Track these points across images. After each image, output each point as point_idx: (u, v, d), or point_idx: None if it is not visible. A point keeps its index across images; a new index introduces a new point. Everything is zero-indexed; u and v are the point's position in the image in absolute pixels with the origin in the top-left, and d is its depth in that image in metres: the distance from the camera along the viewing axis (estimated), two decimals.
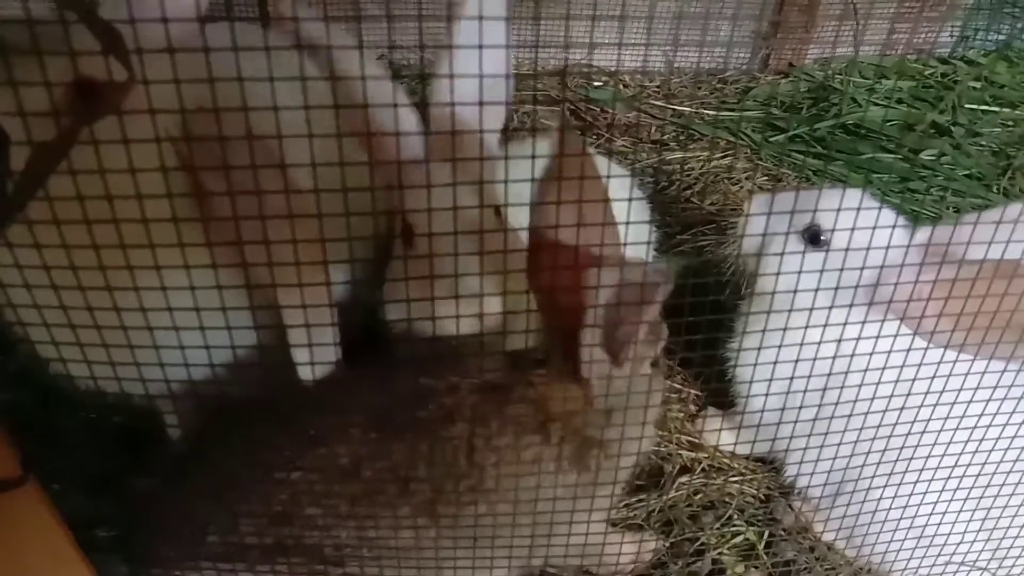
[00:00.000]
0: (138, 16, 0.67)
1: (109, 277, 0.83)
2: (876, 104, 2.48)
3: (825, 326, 1.07)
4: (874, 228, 1.03)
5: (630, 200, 1.43)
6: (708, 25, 2.68)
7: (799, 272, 1.12)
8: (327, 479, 1.01)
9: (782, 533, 1.43)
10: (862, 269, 1.08)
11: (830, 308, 1.07)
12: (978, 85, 2.56)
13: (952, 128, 2.37)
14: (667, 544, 1.38)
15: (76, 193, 0.70)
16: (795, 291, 1.09)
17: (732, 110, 2.53)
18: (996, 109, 2.47)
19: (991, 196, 2.16)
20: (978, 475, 1.17)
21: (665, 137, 2.41)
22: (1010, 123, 2.41)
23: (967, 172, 2.23)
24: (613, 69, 2.58)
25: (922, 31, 2.74)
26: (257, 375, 1.08)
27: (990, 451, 1.13)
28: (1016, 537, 1.22)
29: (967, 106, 2.45)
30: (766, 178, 2.26)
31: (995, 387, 1.08)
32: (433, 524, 1.02)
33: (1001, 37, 2.79)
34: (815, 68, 2.70)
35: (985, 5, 2.78)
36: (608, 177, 0.93)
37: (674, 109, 2.52)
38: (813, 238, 1.33)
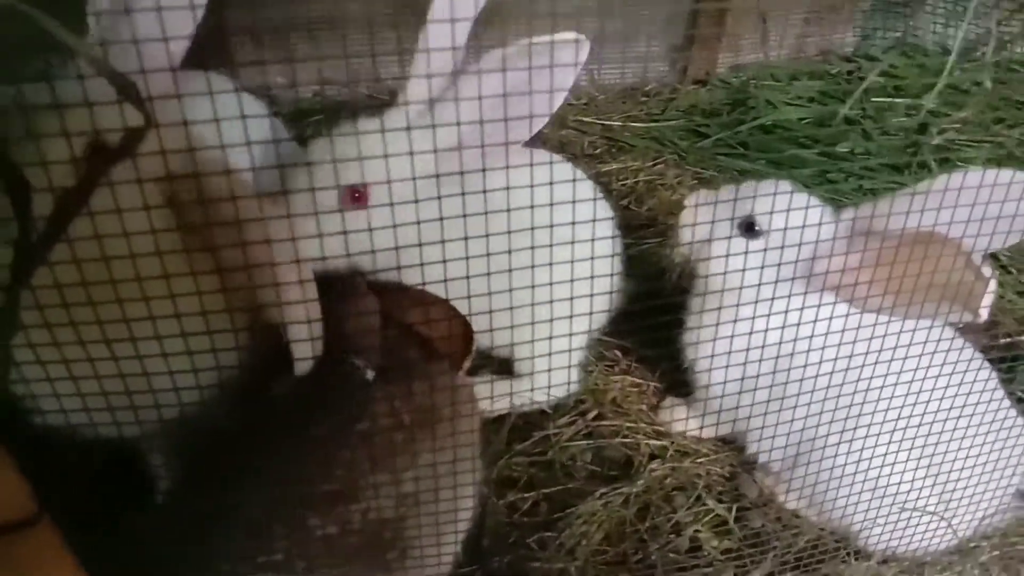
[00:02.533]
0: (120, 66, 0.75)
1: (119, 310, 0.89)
2: (790, 104, 2.65)
3: (752, 302, 1.19)
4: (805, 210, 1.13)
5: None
6: (626, 42, 2.82)
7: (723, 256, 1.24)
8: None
9: (749, 505, 1.53)
10: (782, 247, 1.20)
11: (755, 286, 1.18)
12: (881, 79, 2.74)
13: (862, 120, 2.53)
14: (646, 526, 1.46)
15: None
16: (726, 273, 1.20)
17: (656, 121, 2.67)
18: (899, 100, 2.65)
19: (903, 180, 2.33)
20: (919, 426, 1.28)
21: (597, 151, 2.54)
22: (912, 111, 2.59)
23: (880, 161, 2.40)
24: None
25: (826, 33, 2.94)
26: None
27: (927, 402, 1.25)
28: (958, 480, 1.34)
29: (873, 99, 2.63)
30: (695, 181, 2.39)
31: (924, 343, 1.20)
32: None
33: (897, 34, 3.00)
34: (730, 75, 2.86)
35: (880, 7, 2.99)
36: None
37: (603, 124, 2.64)
38: (748, 228, 1.44)
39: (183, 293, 0.92)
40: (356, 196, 1.36)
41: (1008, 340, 1.88)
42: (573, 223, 0.97)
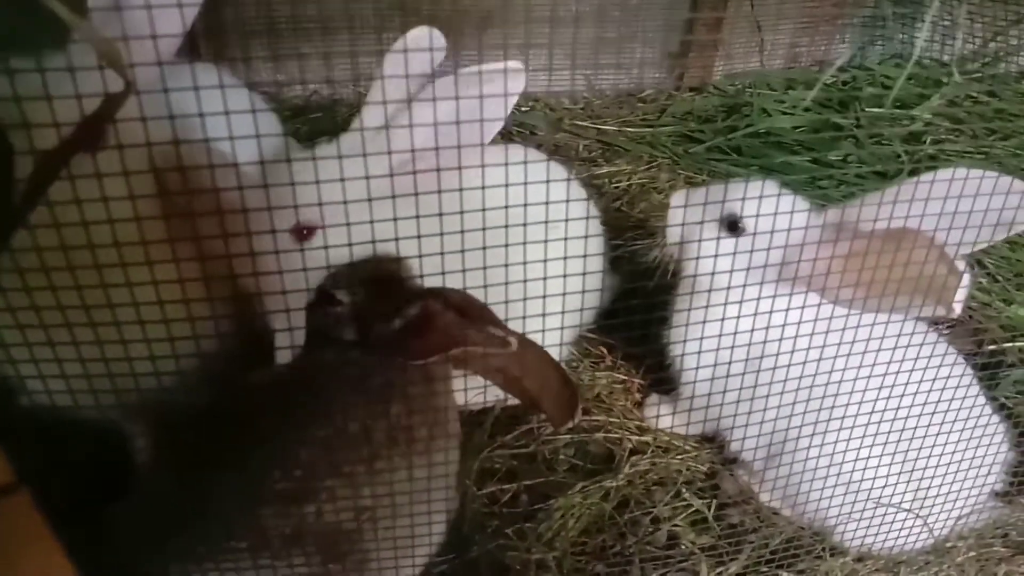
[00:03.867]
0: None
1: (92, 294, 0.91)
2: (784, 113, 2.67)
3: (735, 299, 1.20)
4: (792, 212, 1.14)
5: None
6: (623, 48, 2.85)
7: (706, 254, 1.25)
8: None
9: (728, 501, 1.54)
10: (766, 248, 1.21)
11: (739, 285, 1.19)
12: (873, 90, 2.77)
13: (855, 130, 2.55)
14: (625, 520, 1.47)
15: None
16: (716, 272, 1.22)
17: (652, 126, 2.69)
18: (892, 111, 2.66)
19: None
20: (893, 420, 1.29)
21: (592, 154, 2.56)
22: (905, 122, 2.61)
23: (873, 169, 2.41)
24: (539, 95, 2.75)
25: (821, 44, 2.97)
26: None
27: (900, 396, 1.26)
28: (934, 478, 1.35)
29: (867, 110, 2.65)
30: (687, 185, 2.41)
31: (898, 336, 1.21)
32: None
33: (893, 47, 3.03)
34: (725, 83, 2.89)
35: (878, 19, 3.02)
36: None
37: (598, 128, 2.67)
38: (731, 225, 1.46)
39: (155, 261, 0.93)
40: (305, 232, 1.36)
41: (993, 347, 1.89)
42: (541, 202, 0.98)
